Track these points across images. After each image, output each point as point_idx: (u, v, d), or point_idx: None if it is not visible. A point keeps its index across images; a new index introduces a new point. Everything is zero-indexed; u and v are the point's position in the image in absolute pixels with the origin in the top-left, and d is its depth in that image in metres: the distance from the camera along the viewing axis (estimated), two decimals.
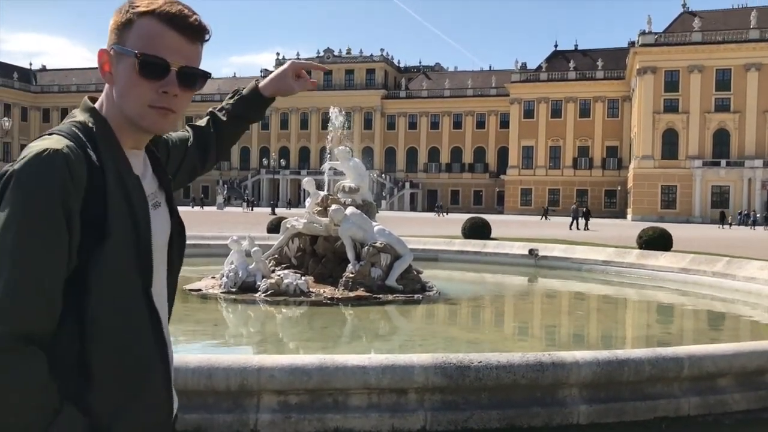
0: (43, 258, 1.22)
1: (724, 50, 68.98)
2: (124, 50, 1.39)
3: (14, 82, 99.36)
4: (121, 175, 1.36)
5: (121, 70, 1.40)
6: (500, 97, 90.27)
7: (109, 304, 1.30)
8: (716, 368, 5.20)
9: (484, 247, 18.51)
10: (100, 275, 1.29)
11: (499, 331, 10.22)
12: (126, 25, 1.39)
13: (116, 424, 1.31)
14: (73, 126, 1.38)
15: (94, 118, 1.41)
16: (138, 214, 1.36)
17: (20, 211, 1.22)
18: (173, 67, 1.38)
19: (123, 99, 1.41)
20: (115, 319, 1.32)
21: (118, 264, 1.32)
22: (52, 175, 1.25)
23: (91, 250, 1.29)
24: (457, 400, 4.63)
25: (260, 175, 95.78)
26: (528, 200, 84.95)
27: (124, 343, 1.33)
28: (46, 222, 1.23)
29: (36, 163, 1.25)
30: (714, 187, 68.60)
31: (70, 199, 1.25)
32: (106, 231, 1.30)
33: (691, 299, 12.89)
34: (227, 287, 10.85)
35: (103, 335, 1.30)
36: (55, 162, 1.26)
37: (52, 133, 1.35)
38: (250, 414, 4.39)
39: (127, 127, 1.43)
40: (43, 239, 1.22)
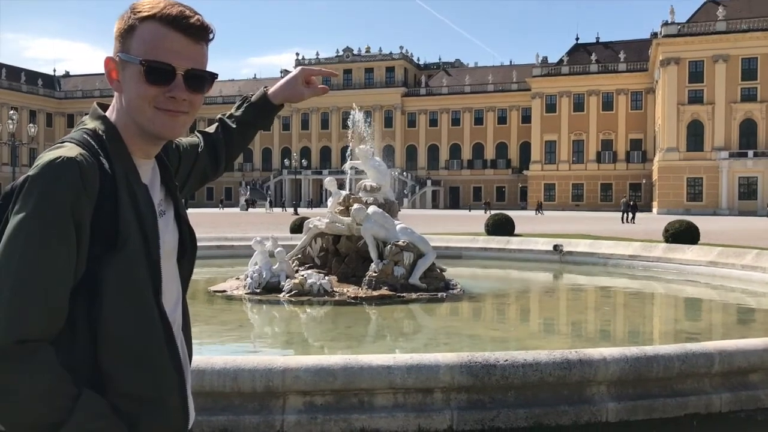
0: (51, 264, 1.22)
1: (750, 38, 67.79)
2: (129, 58, 1.38)
3: (39, 89, 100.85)
4: (131, 184, 1.36)
5: (128, 77, 1.39)
6: (521, 92, 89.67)
7: (120, 312, 1.30)
8: (748, 363, 5.10)
9: (508, 243, 18.41)
10: (110, 283, 1.29)
11: (524, 328, 10.14)
12: (129, 32, 1.38)
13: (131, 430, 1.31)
14: (84, 133, 1.38)
15: (105, 125, 1.41)
16: (146, 223, 1.36)
17: (31, 217, 1.22)
18: (179, 71, 1.37)
19: (132, 106, 1.40)
20: (126, 327, 1.31)
21: (129, 272, 1.31)
22: (64, 183, 1.25)
23: (101, 257, 1.29)
24: (483, 399, 4.60)
25: (282, 176, 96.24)
26: (551, 195, 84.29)
27: (136, 349, 1.33)
28: (56, 229, 1.22)
29: (49, 170, 1.25)
30: (741, 179, 67.49)
31: (81, 207, 1.26)
32: (117, 239, 1.30)
33: (720, 293, 12.69)
34: (251, 288, 10.91)
35: (115, 342, 1.30)
36: (68, 170, 1.26)
37: (64, 142, 1.36)
38: (276, 415, 4.39)
39: (138, 135, 1.43)
40: (52, 246, 1.22)
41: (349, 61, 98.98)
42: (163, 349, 1.38)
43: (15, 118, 36.35)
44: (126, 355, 1.31)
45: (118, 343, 1.30)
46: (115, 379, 1.30)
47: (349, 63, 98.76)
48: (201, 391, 4.24)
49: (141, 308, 1.34)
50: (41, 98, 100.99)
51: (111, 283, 1.29)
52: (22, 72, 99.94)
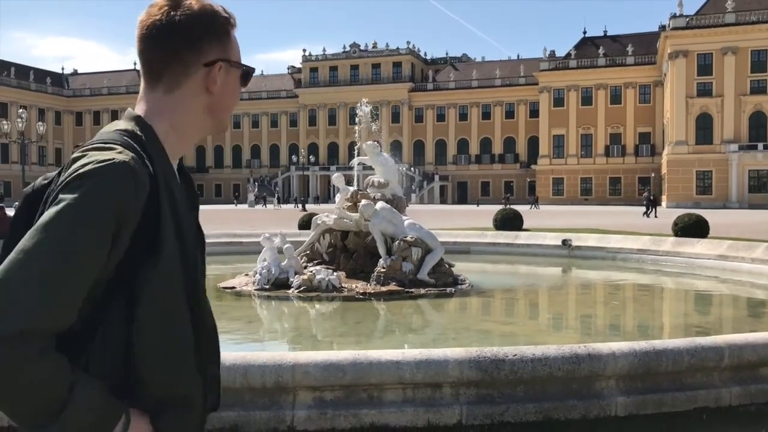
0: (81, 263, 1.19)
1: (759, 30, 67.29)
2: (233, 63, 1.43)
3: (47, 87, 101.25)
4: (169, 184, 1.34)
5: (230, 82, 1.43)
6: (529, 86, 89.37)
7: (158, 316, 1.28)
8: (757, 357, 5.09)
9: (517, 238, 18.38)
10: (151, 287, 1.27)
11: (533, 323, 10.14)
12: (228, 36, 1.42)
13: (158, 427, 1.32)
14: (126, 137, 1.34)
15: (140, 126, 1.37)
16: (184, 224, 1.34)
17: (75, 213, 1.18)
18: None
19: (223, 107, 1.45)
20: (163, 331, 1.30)
21: (168, 275, 1.29)
22: (117, 187, 1.22)
23: (142, 261, 1.27)
24: (492, 394, 4.61)
25: (290, 172, 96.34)
26: (560, 190, 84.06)
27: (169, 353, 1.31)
28: (96, 230, 1.20)
29: (104, 171, 1.22)
30: (751, 172, 67.08)
31: (128, 213, 1.23)
32: (159, 242, 1.28)
33: (730, 287, 12.64)
34: (261, 284, 10.95)
35: (150, 345, 1.28)
36: (122, 175, 1.23)
37: (108, 143, 1.31)
38: (286, 411, 4.42)
39: (183, 140, 1.44)
40: (87, 245, 1.19)
41: (356, 56, 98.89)
42: (191, 356, 1.36)
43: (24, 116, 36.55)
44: (159, 358, 1.30)
45: (152, 347, 1.29)
46: (147, 382, 1.29)
47: (356, 59, 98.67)
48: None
49: (177, 312, 1.32)
50: (50, 96, 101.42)
51: (151, 287, 1.27)
52: (30, 70, 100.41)
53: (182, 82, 1.39)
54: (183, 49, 1.36)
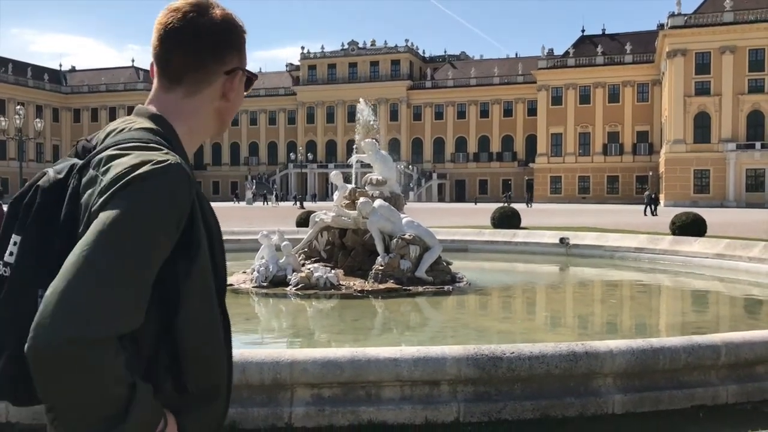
0: (147, 265, 1.18)
1: (757, 29, 67.32)
2: (245, 71, 1.47)
3: (45, 84, 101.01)
4: (198, 190, 1.34)
5: (241, 89, 1.47)
6: (527, 85, 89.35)
7: (194, 314, 1.28)
8: (754, 355, 5.11)
9: (514, 236, 18.40)
10: (187, 287, 1.26)
11: (530, 321, 10.16)
12: (244, 46, 1.46)
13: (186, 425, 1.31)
14: (156, 135, 1.34)
15: (164, 126, 1.38)
16: (212, 225, 1.35)
17: (142, 215, 1.18)
18: None
19: (232, 114, 1.51)
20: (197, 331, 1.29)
21: (202, 275, 1.29)
22: (178, 187, 1.22)
23: (178, 261, 1.26)
24: (489, 392, 4.62)
25: (288, 170, 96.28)
26: (558, 188, 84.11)
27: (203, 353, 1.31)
28: (161, 231, 1.20)
29: (163, 173, 1.21)
30: (749, 170, 67.16)
31: (183, 216, 1.24)
32: (193, 243, 1.27)
33: (727, 285, 12.67)
34: (258, 282, 10.96)
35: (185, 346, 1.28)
36: (180, 175, 1.23)
37: (149, 143, 1.30)
38: (284, 408, 4.43)
39: (195, 141, 1.48)
40: (153, 247, 1.19)
41: (355, 54, 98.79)
42: (223, 351, 1.37)
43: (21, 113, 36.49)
44: (194, 358, 1.30)
45: (188, 347, 1.28)
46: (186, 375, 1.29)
47: (355, 56, 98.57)
48: None
49: (210, 312, 1.32)
50: (47, 93, 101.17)
51: (187, 287, 1.26)
52: (28, 67, 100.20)
53: (203, 88, 1.41)
54: (209, 57, 1.39)
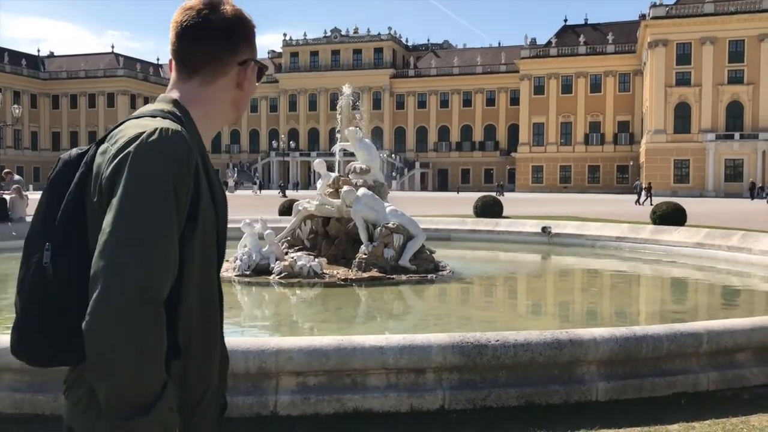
0: (169, 225, 1.28)
1: (737, 21, 67.90)
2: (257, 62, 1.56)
3: (23, 69, 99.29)
4: (206, 164, 1.43)
5: (253, 79, 1.57)
6: (510, 74, 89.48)
7: (194, 279, 1.38)
8: (735, 343, 5.18)
9: (497, 225, 18.48)
10: (190, 251, 1.36)
11: (513, 309, 10.22)
12: (254, 38, 1.56)
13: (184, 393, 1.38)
14: (169, 114, 1.43)
15: (179, 108, 1.47)
16: (218, 200, 1.44)
17: (150, 181, 1.28)
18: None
19: (246, 103, 1.59)
20: (198, 293, 1.39)
21: (203, 247, 1.39)
22: (178, 153, 1.32)
23: (185, 230, 1.35)
24: (474, 379, 4.64)
25: (270, 158, 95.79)
26: (539, 177, 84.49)
27: (202, 314, 1.41)
28: (173, 192, 1.29)
29: (161, 139, 1.31)
30: (727, 161, 67.93)
31: (189, 178, 1.33)
32: (198, 212, 1.37)
33: (707, 274, 12.83)
34: (241, 270, 10.91)
35: (189, 306, 1.37)
36: (179, 141, 1.33)
37: (156, 116, 1.41)
38: (269, 396, 4.42)
39: (212, 127, 1.55)
40: (169, 208, 1.28)
41: (337, 42, 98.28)
42: (219, 316, 1.49)
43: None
44: (194, 327, 1.40)
45: (190, 317, 1.38)
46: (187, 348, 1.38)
47: (337, 44, 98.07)
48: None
49: (209, 277, 1.43)
50: (25, 79, 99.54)
51: (189, 251, 1.36)
52: (5, 52, 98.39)
53: (218, 78, 1.51)
54: (222, 50, 1.49)
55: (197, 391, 1.42)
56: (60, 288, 1.34)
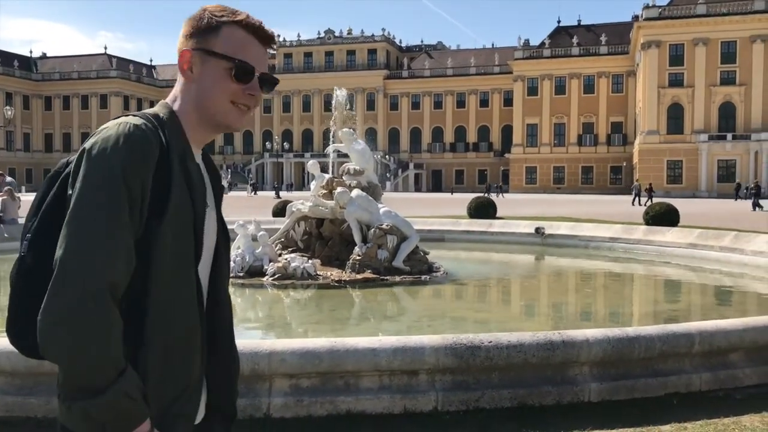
0: (122, 216, 1.33)
1: (730, 22, 68.23)
2: (215, 53, 1.52)
3: (15, 70, 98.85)
4: (185, 160, 1.47)
5: (209, 70, 1.52)
6: (503, 75, 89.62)
7: (165, 274, 1.40)
8: (727, 343, 5.19)
9: (490, 226, 18.49)
10: (159, 245, 1.39)
11: (507, 310, 10.23)
12: (213, 31, 1.52)
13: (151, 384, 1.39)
14: (146, 113, 1.50)
15: (165, 110, 1.53)
16: (196, 196, 1.47)
17: (105, 175, 1.34)
18: (256, 73, 1.55)
19: (207, 96, 1.54)
20: (169, 288, 1.41)
21: (175, 238, 1.42)
22: (134, 145, 1.37)
23: (152, 222, 1.39)
24: (467, 380, 4.64)
25: (264, 159, 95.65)
26: (533, 178, 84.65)
27: (175, 310, 1.43)
28: (127, 186, 1.34)
29: (120, 133, 1.38)
30: (720, 161, 68.21)
31: (146, 170, 1.37)
32: (167, 206, 1.40)
33: (699, 274, 12.87)
34: (235, 272, 10.88)
35: (158, 300, 1.40)
36: (134, 132, 1.38)
37: (128, 115, 1.47)
38: (262, 398, 4.41)
39: (200, 125, 1.55)
40: (123, 201, 1.33)
41: (331, 43, 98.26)
42: (196, 313, 1.49)
43: None
44: (166, 322, 1.41)
45: (159, 311, 1.40)
46: (151, 335, 1.40)
47: (331, 45, 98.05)
48: None
49: (182, 272, 1.44)
50: (17, 80, 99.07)
51: (158, 246, 1.39)
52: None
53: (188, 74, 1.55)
54: (183, 44, 1.54)
55: (172, 386, 1.43)
56: (37, 278, 1.39)
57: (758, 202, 37.57)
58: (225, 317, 1.64)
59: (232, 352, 1.65)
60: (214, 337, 1.60)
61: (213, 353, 1.58)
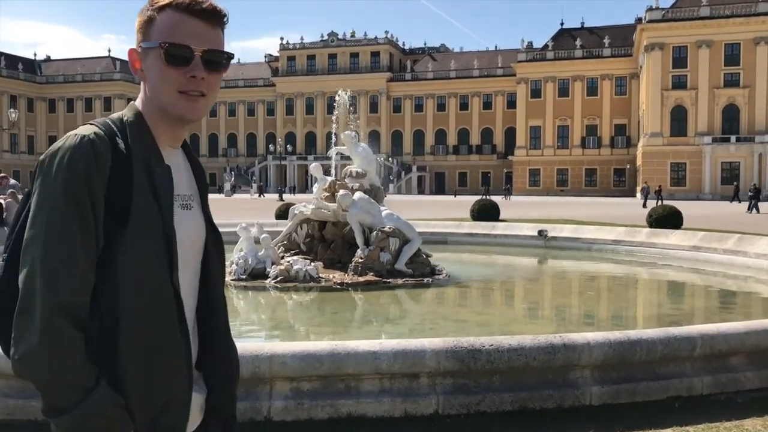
0: (73, 233, 1.32)
1: (733, 24, 68.14)
2: (150, 44, 1.46)
3: (19, 73, 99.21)
4: (150, 164, 1.43)
5: (150, 63, 1.47)
6: (507, 77, 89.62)
7: (135, 285, 1.37)
8: (728, 346, 5.18)
9: (493, 229, 18.48)
10: (125, 256, 1.37)
11: (509, 313, 10.22)
12: (149, 23, 1.48)
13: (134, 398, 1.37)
14: (108, 119, 1.49)
15: (130, 111, 1.51)
16: (163, 201, 1.43)
17: (52, 191, 1.33)
18: (197, 52, 1.45)
19: (155, 91, 1.48)
20: (141, 300, 1.38)
21: (143, 247, 1.39)
22: (78, 159, 1.35)
23: (115, 231, 1.37)
24: (468, 384, 4.64)
25: (267, 161, 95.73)
26: (536, 181, 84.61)
27: (149, 322, 1.39)
28: (74, 202, 1.33)
29: (65, 147, 1.37)
30: (724, 164, 68.07)
31: (93, 181, 1.35)
32: (130, 215, 1.37)
33: (702, 277, 12.84)
34: (237, 274, 10.89)
35: (130, 313, 1.37)
36: (81, 146, 1.37)
37: (86, 124, 1.46)
38: (262, 401, 4.41)
39: (161, 120, 1.50)
40: (70, 216, 1.32)
41: (334, 45, 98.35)
42: (175, 327, 1.44)
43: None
44: (140, 328, 1.38)
45: (132, 316, 1.37)
46: (129, 348, 1.37)
47: (334, 47, 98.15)
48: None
49: (154, 282, 1.40)
50: (22, 83, 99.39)
51: (124, 257, 1.37)
52: (1, 56, 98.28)
53: (134, 73, 1.53)
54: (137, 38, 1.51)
55: (156, 399, 1.40)
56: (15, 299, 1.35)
57: (757, 204, 36.73)
58: (220, 320, 1.60)
59: (231, 355, 1.60)
60: (210, 341, 1.57)
61: (209, 358, 1.56)
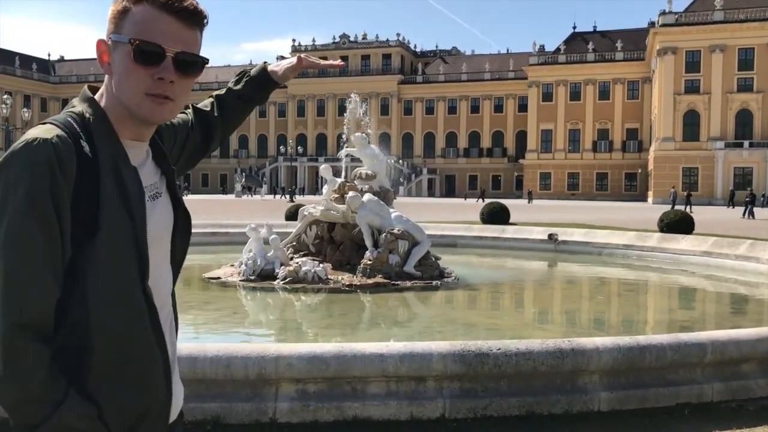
0: (35, 246, 1.24)
1: (747, 29, 67.64)
2: (120, 38, 1.37)
3: (33, 73, 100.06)
4: (117, 167, 1.35)
5: (117, 58, 1.38)
6: (518, 81, 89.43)
7: (105, 294, 1.31)
8: (740, 353, 5.11)
9: (503, 232, 18.41)
10: (94, 265, 1.30)
11: (518, 317, 10.16)
12: (122, 14, 1.38)
13: (109, 409, 1.33)
14: (69, 116, 1.37)
15: (92, 108, 1.40)
16: (133, 206, 1.35)
17: (10, 201, 1.24)
18: (169, 53, 1.36)
19: (120, 88, 1.39)
20: (111, 309, 1.32)
21: (112, 255, 1.32)
22: (39, 165, 1.25)
23: (83, 240, 1.29)
24: (476, 388, 4.60)
25: (278, 163, 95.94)
26: (547, 184, 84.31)
27: (121, 332, 1.34)
28: (35, 211, 1.24)
29: (25, 152, 1.26)
30: (737, 169, 67.54)
31: (58, 189, 1.26)
32: (99, 222, 1.30)
33: (714, 283, 12.73)
34: (246, 275, 10.90)
35: (101, 324, 1.31)
36: (42, 151, 1.26)
37: (46, 122, 1.35)
38: (268, 403, 4.39)
39: (127, 118, 1.41)
40: (33, 228, 1.24)
41: (346, 47, 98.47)
42: (149, 332, 1.38)
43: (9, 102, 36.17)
44: (111, 335, 1.33)
45: (103, 324, 1.32)
46: (101, 357, 1.32)
47: (346, 50, 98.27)
48: (193, 378, 4.24)
49: (125, 291, 1.34)
50: (36, 83, 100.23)
51: (95, 264, 1.30)
52: (16, 56, 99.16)
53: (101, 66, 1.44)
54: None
55: (132, 409, 1.36)
56: None
57: (752, 210, 36.08)
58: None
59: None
60: None
61: None
